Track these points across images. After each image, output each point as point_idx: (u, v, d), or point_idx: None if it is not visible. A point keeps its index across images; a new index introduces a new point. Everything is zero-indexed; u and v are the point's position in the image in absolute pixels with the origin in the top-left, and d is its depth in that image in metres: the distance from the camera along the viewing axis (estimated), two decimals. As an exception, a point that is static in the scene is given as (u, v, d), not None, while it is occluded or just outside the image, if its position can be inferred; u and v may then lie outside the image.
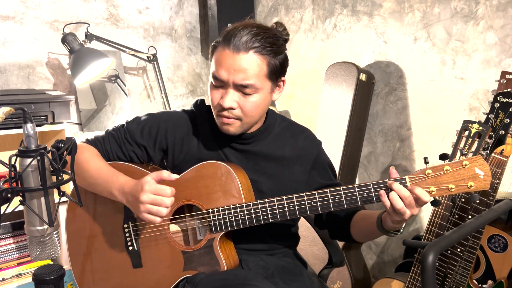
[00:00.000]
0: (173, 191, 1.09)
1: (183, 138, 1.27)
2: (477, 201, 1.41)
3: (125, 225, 1.25)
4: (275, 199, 1.14)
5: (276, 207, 1.14)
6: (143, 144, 1.27)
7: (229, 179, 1.17)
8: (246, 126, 1.20)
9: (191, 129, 1.28)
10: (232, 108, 1.14)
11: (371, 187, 1.08)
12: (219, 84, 1.14)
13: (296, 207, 1.13)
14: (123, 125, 1.31)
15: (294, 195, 1.13)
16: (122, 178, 1.16)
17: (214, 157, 1.24)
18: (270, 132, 1.28)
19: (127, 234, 1.25)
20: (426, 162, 1.07)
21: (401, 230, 1.15)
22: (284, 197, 1.14)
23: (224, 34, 1.14)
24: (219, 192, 1.18)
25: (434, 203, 1.10)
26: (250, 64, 1.10)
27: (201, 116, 1.29)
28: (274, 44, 1.13)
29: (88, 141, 1.31)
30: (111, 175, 1.18)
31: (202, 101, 1.33)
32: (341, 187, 1.10)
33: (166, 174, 1.10)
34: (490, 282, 1.57)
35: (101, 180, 1.19)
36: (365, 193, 1.09)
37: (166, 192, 1.08)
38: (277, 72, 1.16)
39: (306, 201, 1.12)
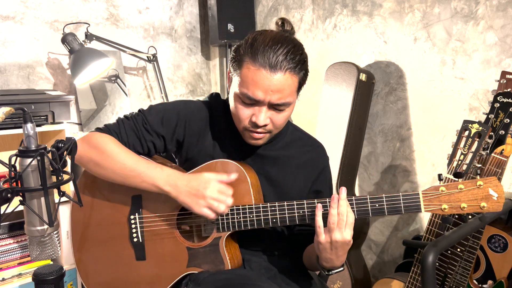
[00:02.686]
0: (232, 193, 1.13)
1: (200, 131, 1.25)
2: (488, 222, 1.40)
3: (132, 217, 1.24)
4: (285, 203, 1.13)
5: (286, 211, 1.13)
6: (162, 134, 1.23)
7: (240, 179, 1.17)
8: (272, 136, 1.21)
9: (207, 123, 1.26)
10: (265, 125, 1.13)
11: (384, 199, 1.08)
12: (251, 102, 1.11)
13: (306, 213, 1.12)
14: (139, 113, 1.26)
15: (304, 201, 1.12)
16: (169, 170, 1.16)
17: (226, 155, 1.24)
18: (281, 139, 1.28)
19: (133, 226, 1.24)
20: (440, 179, 1.07)
21: (331, 272, 1.16)
22: (294, 202, 1.13)
23: (252, 48, 1.09)
24: None
25: (445, 220, 1.10)
26: (287, 84, 1.09)
27: (217, 111, 1.27)
28: (303, 61, 1.12)
29: (100, 130, 1.24)
30: (153, 166, 1.16)
31: (218, 94, 1.31)
32: (353, 197, 1.09)
33: (225, 177, 1.14)
34: (490, 282, 1.57)
35: (139, 171, 1.15)
36: (377, 205, 1.08)
37: (229, 193, 1.12)
38: (303, 85, 1.16)
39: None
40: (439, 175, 1.08)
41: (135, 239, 1.24)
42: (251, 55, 1.08)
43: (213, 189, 1.11)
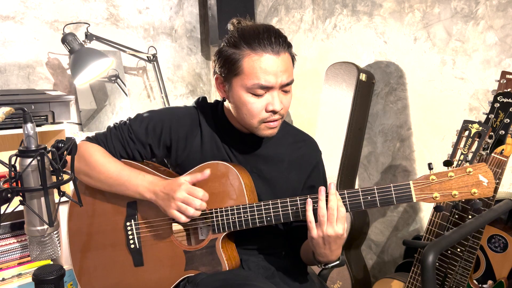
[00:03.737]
0: (206, 195, 1.13)
1: (187, 136, 1.26)
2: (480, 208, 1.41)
3: (128, 223, 1.25)
4: (278, 200, 1.14)
5: (280, 209, 1.14)
6: (148, 142, 1.26)
7: (233, 180, 1.17)
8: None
9: (194, 126, 1.27)
10: (281, 109, 1.15)
11: (375, 191, 1.08)
12: (263, 91, 1.12)
13: (300, 210, 1.12)
14: (125, 122, 1.29)
15: (297, 197, 1.13)
16: (150, 177, 1.18)
17: (217, 156, 1.24)
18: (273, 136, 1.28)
19: (129, 232, 1.25)
20: (431, 168, 1.07)
21: (328, 266, 1.17)
22: (287, 199, 1.13)
23: (245, 41, 1.10)
24: (223, 192, 1.18)
25: (438, 208, 1.10)
26: (288, 62, 1.14)
27: (204, 114, 1.28)
28: (289, 42, 1.17)
29: (90, 140, 1.28)
30: (135, 174, 1.19)
31: (204, 98, 1.32)
32: (345, 191, 1.10)
33: (199, 176, 1.14)
34: (490, 282, 1.57)
35: (123, 180, 1.19)
36: (369, 197, 1.08)
37: (198, 194, 1.12)
38: (294, 62, 1.20)
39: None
40: (429, 164, 1.08)
41: (132, 246, 1.24)
42: (248, 46, 1.10)
43: (182, 191, 1.12)
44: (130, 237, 1.25)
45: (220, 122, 1.26)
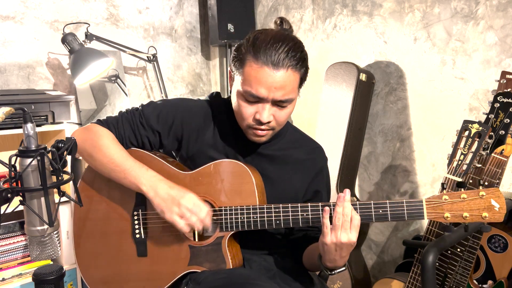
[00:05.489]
0: (209, 216, 1.13)
1: (199, 129, 1.26)
2: (489, 231, 1.40)
3: (135, 213, 1.24)
4: (289, 205, 1.14)
5: (290, 213, 1.13)
6: (157, 130, 1.25)
7: (246, 180, 1.17)
8: (275, 133, 1.21)
9: (207, 121, 1.27)
10: (269, 122, 1.14)
11: (388, 206, 1.08)
12: (255, 99, 1.12)
13: (310, 216, 1.12)
14: (138, 108, 1.28)
15: (309, 204, 1.13)
16: (154, 173, 1.17)
17: (225, 152, 1.25)
18: (281, 139, 1.28)
19: (136, 222, 1.24)
20: (444, 188, 1.08)
21: (334, 272, 1.16)
22: (299, 204, 1.13)
23: (254, 47, 1.10)
24: (234, 191, 1.18)
25: (446, 228, 1.10)
26: (289, 80, 1.10)
27: (218, 109, 1.28)
28: (304, 58, 1.14)
29: (101, 123, 1.27)
30: (139, 166, 1.18)
31: (218, 93, 1.33)
32: (357, 202, 1.10)
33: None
34: (490, 282, 1.57)
35: (124, 167, 1.17)
36: (380, 211, 1.08)
37: (204, 209, 1.13)
38: (304, 81, 1.18)
39: (321, 211, 1.12)
40: (442, 184, 1.09)
41: (137, 235, 1.24)
42: (253, 54, 1.10)
43: (189, 200, 1.12)
44: (136, 226, 1.24)
45: (231, 118, 1.26)
